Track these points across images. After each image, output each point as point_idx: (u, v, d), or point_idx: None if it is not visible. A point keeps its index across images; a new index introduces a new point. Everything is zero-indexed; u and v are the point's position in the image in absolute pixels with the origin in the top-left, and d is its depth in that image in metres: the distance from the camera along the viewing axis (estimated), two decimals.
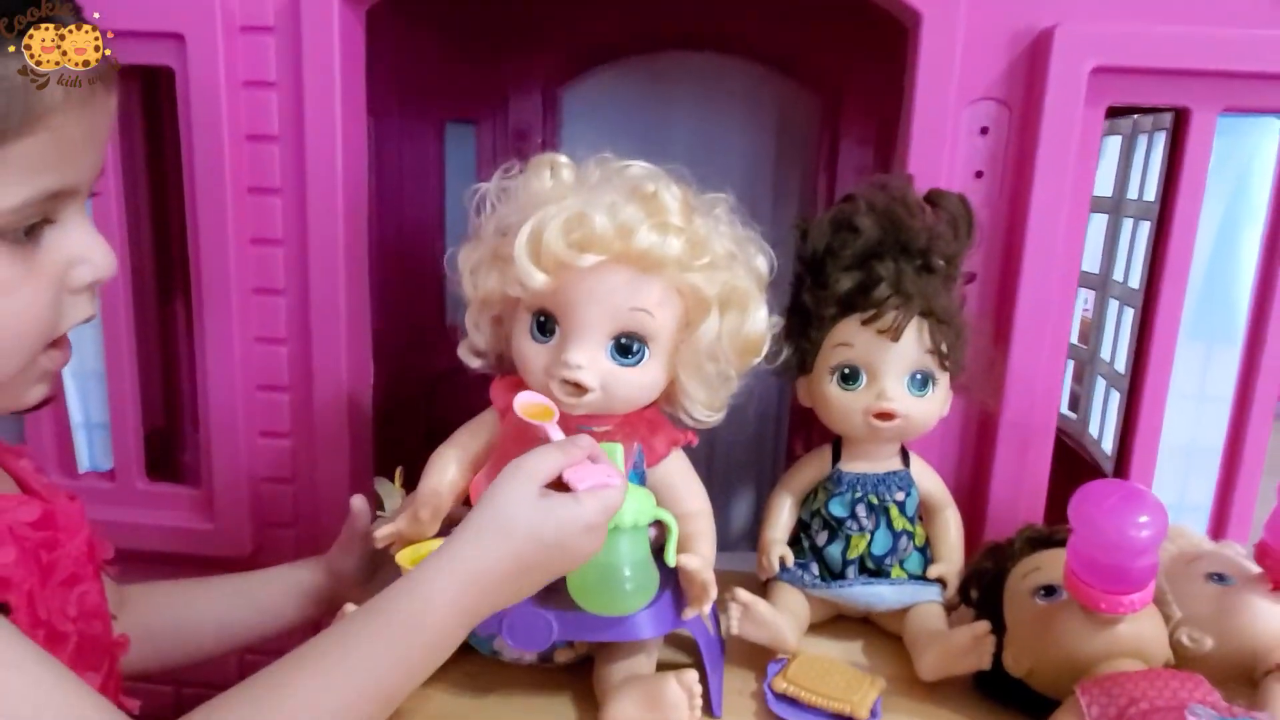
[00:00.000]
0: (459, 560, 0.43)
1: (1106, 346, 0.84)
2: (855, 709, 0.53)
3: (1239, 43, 0.63)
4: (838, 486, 0.63)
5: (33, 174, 0.38)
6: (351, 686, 0.41)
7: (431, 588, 0.43)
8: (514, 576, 0.44)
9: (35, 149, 0.38)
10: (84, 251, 0.42)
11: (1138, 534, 0.47)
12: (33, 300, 0.40)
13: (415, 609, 0.42)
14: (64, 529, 0.46)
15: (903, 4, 0.65)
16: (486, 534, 0.44)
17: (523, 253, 0.49)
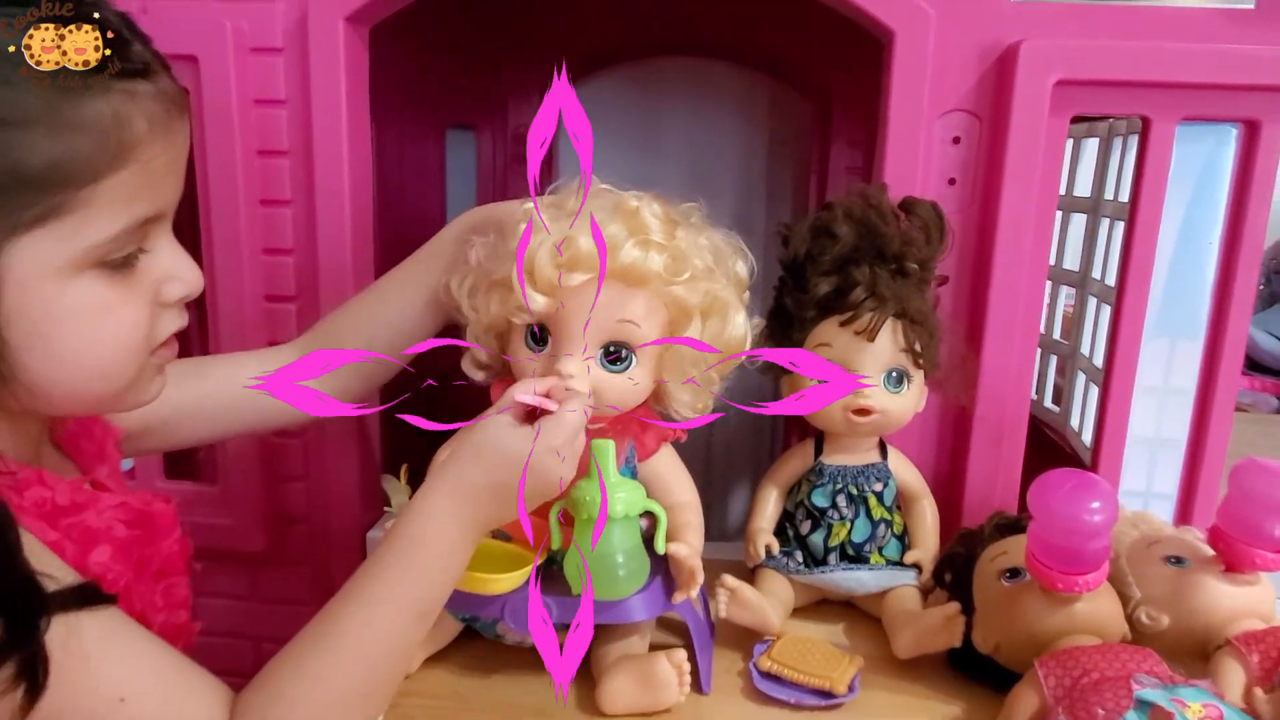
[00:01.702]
0: (447, 480, 0.49)
1: (1086, 342, 0.88)
2: (834, 684, 0.57)
3: (1196, 56, 0.67)
4: (820, 478, 0.67)
5: (126, 205, 0.42)
6: (389, 610, 0.47)
7: (429, 507, 0.49)
8: (495, 492, 0.49)
9: (127, 181, 0.41)
10: (174, 270, 0.46)
11: (1090, 518, 0.50)
12: (134, 318, 0.44)
13: (420, 529, 0.48)
14: (158, 528, 0.51)
15: (877, 21, 0.69)
16: (466, 459, 0.49)
17: (519, 282, 0.53)
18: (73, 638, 0.40)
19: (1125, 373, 0.73)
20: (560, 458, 0.50)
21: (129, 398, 0.47)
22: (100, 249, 0.42)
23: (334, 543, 0.83)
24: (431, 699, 0.57)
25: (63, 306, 0.42)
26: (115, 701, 0.41)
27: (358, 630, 0.46)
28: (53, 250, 0.41)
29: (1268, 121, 0.68)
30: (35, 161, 0.39)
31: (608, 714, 0.55)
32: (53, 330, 0.42)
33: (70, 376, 0.43)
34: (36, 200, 0.40)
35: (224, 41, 0.72)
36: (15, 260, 0.40)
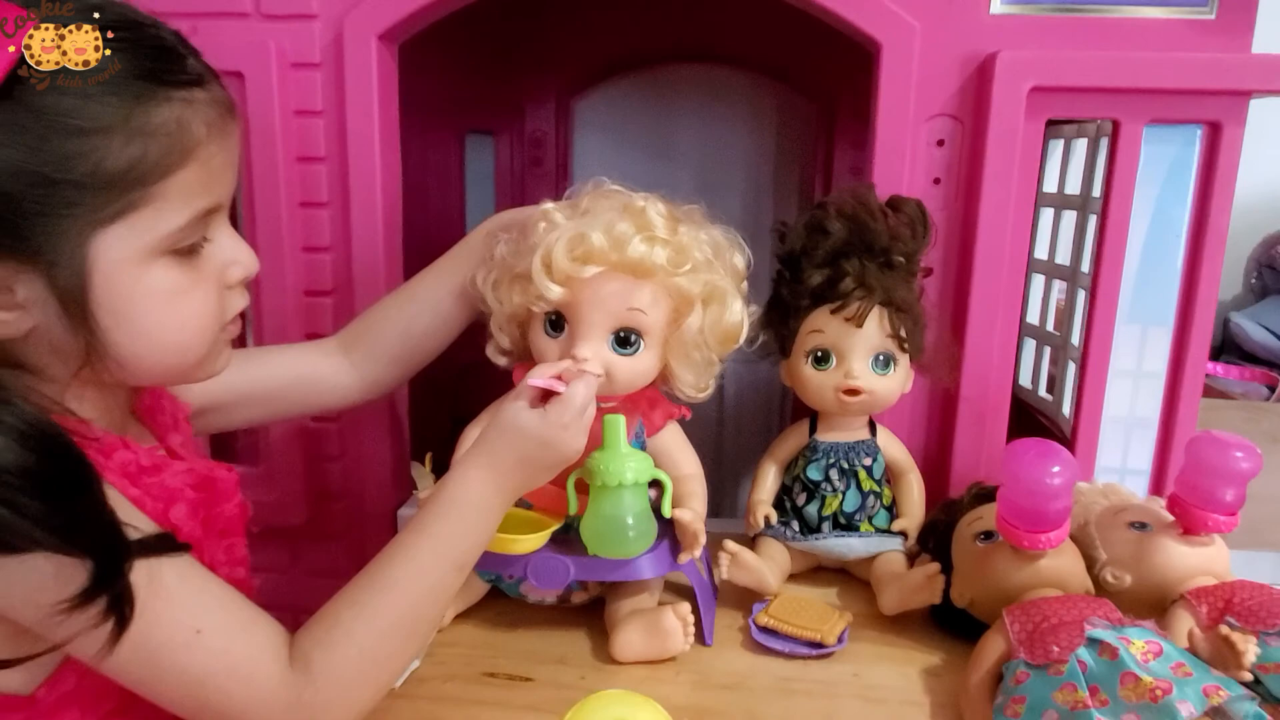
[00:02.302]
0: (480, 455, 0.56)
1: (1077, 333, 0.92)
2: (825, 636, 0.63)
3: (1160, 63, 0.72)
4: (814, 454, 0.73)
5: (190, 198, 0.48)
6: (432, 560, 0.53)
7: (466, 476, 0.56)
8: (520, 464, 0.56)
9: (190, 177, 0.47)
10: (234, 255, 0.52)
11: (1051, 481, 0.56)
12: (204, 299, 0.51)
13: (459, 494, 0.55)
14: (221, 492, 0.57)
15: (866, 35, 0.75)
16: (493, 437, 0.57)
17: (539, 273, 0.59)
18: (154, 578, 0.46)
19: (1100, 357, 0.78)
20: (570, 432, 0.56)
21: (202, 370, 0.54)
22: (171, 238, 0.48)
23: (368, 518, 0.90)
24: (463, 648, 0.63)
25: (142, 290, 0.48)
26: (193, 633, 0.47)
27: (406, 576, 0.52)
28: (131, 241, 0.46)
29: (1228, 123, 0.73)
30: (114, 164, 0.45)
31: (620, 661, 0.61)
32: (135, 312, 0.48)
33: (152, 352, 0.50)
34: (116, 198, 0.45)
35: (267, 58, 0.79)
36: (100, 251, 0.46)
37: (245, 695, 0.48)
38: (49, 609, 0.43)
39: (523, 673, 0.61)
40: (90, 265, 0.46)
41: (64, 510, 0.43)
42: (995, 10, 0.74)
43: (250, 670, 0.48)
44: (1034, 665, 0.51)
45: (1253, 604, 0.56)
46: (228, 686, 0.48)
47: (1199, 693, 0.46)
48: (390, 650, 0.52)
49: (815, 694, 0.59)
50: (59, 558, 0.43)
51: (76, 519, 0.44)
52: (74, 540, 0.43)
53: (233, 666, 0.48)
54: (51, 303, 0.46)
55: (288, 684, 0.48)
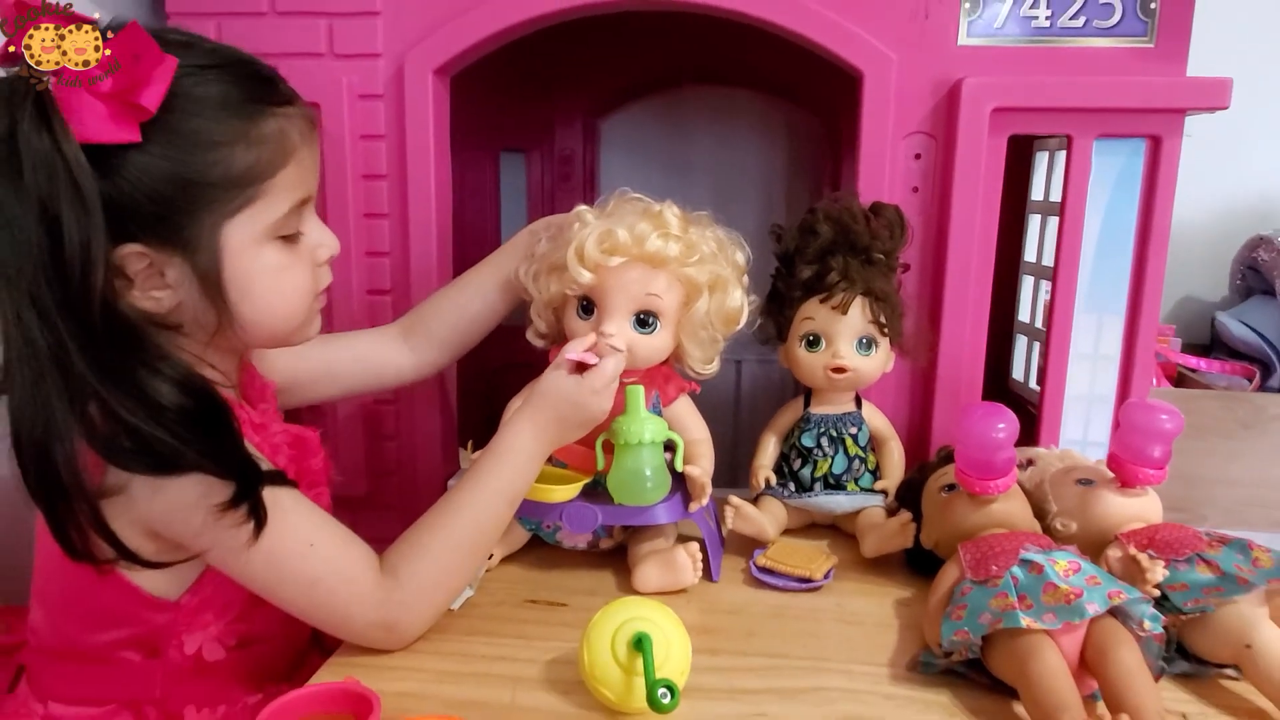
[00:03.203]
0: (526, 414, 0.69)
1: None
2: (813, 573, 0.74)
3: (1107, 86, 0.83)
4: (807, 425, 0.85)
5: (291, 191, 0.61)
6: (491, 494, 0.67)
7: (517, 430, 0.69)
8: (559, 420, 0.69)
9: (290, 174, 0.60)
10: (321, 238, 0.66)
11: (996, 435, 0.67)
12: (303, 273, 0.64)
13: (510, 443, 0.68)
14: (309, 448, 0.71)
15: (850, 64, 0.87)
16: (536, 399, 0.69)
17: (573, 260, 0.72)
18: (277, 503, 0.59)
19: (1061, 342, 0.89)
20: (600, 396, 0.69)
21: (301, 333, 0.67)
22: (278, 224, 0.60)
23: (420, 490, 1.02)
24: (508, 582, 0.76)
25: (259, 268, 0.60)
26: (307, 545, 0.60)
27: (471, 506, 0.66)
28: (250, 228, 0.59)
29: (1167, 136, 0.84)
30: (238, 167, 0.57)
31: (640, 592, 0.73)
32: (255, 285, 0.60)
33: (269, 318, 0.62)
34: (240, 194, 0.58)
35: (339, 91, 0.92)
36: (228, 238, 0.58)
37: (349, 594, 0.61)
38: (200, 520, 0.56)
39: (559, 600, 0.73)
40: (222, 249, 0.58)
41: (213, 442, 0.56)
42: (962, 42, 0.86)
43: (352, 575, 0.61)
44: (976, 581, 0.62)
45: (1170, 538, 0.67)
46: (335, 587, 0.60)
47: (1103, 596, 0.57)
48: (457, 564, 0.65)
49: (803, 618, 0.71)
50: (208, 479, 0.56)
51: (222, 450, 0.57)
52: (222, 465, 0.56)
53: (339, 571, 0.61)
54: (193, 282, 0.58)
55: (381, 586, 0.61)
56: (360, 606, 0.61)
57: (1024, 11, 0.85)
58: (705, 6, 0.88)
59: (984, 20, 0.85)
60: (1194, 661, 0.63)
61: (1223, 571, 0.62)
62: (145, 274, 0.57)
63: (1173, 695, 0.61)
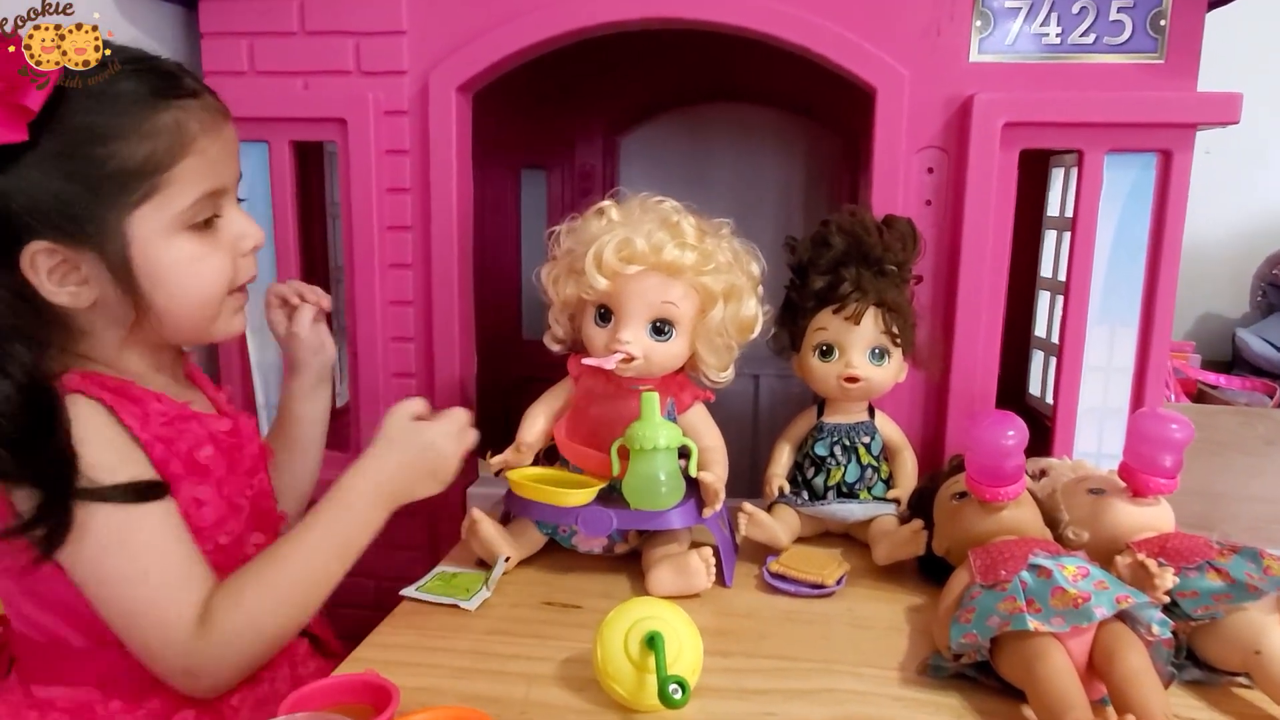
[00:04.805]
0: (364, 462, 0.69)
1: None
2: (825, 579, 0.75)
3: (1117, 101, 0.84)
4: (820, 434, 0.86)
5: (196, 181, 0.61)
6: (314, 552, 0.65)
7: (351, 484, 0.68)
8: (403, 468, 0.69)
9: (192, 165, 0.60)
10: (243, 229, 0.65)
11: (1006, 442, 0.68)
12: (219, 264, 0.64)
13: (344, 496, 0.68)
14: (246, 435, 0.70)
15: (864, 81, 0.88)
16: (379, 446, 0.69)
17: (590, 266, 0.74)
18: (127, 522, 0.58)
19: (1074, 354, 0.90)
20: (450, 439, 0.69)
21: (219, 326, 0.66)
22: (185, 214, 0.61)
23: (440, 497, 1.03)
24: (524, 585, 0.77)
25: (170, 256, 0.61)
26: (141, 573, 0.59)
27: (295, 557, 0.64)
28: (156, 219, 0.60)
29: (1177, 151, 0.85)
30: (134, 160, 0.58)
31: (655, 596, 0.74)
32: (166, 274, 0.61)
33: (181, 306, 0.63)
34: (139, 185, 0.58)
35: (365, 108, 0.95)
36: (134, 230, 0.59)
37: (161, 636, 0.60)
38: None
39: (574, 602, 0.74)
40: (129, 241, 0.59)
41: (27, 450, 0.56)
42: (974, 59, 0.87)
43: (170, 618, 0.60)
44: (985, 586, 0.62)
45: (1180, 546, 0.67)
46: (149, 626, 0.60)
47: (1111, 600, 0.58)
48: (275, 616, 0.63)
49: (815, 622, 0.71)
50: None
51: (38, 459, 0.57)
52: (27, 473, 0.56)
53: (159, 610, 0.59)
54: (106, 274, 0.59)
55: (192, 632, 0.60)
56: (168, 650, 0.60)
57: (1035, 29, 0.86)
58: (724, 25, 0.90)
59: (995, 37, 0.87)
60: (1204, 669, 0.63)
61: (1233, 579, 0.63)
62: (59, 269, 0.59)
63: (1183, 702, 0.61)
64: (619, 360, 0.74)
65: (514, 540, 0.79)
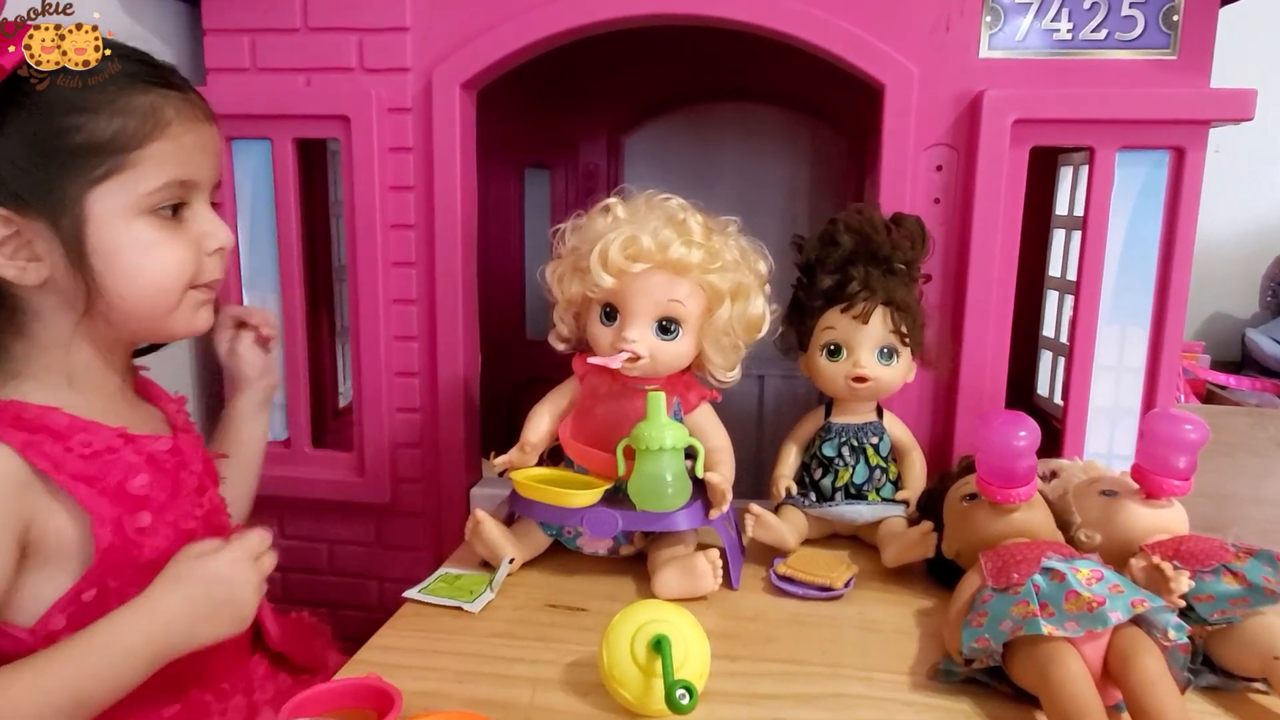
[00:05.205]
0: (137, 602, 0.58)
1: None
2: (833, 581, 0.74)
3: (1128, 98, 0.83)
4: (828, 434, 0.85)
5: (164, 167, 0.59)
6: (51, 695, 0.54)
7: (115, 623, 0.57)
8: (184, 607, 0.58)
9: (163, 149, 0.59)
10: (211, 228, 0.63)
11: (1017, 443, 0.67)
12: (179, 255, 0.61)
13: (103, 637, 0.56)
14: (189, 454, 0.66)
15: (872, 77, 0.87)
16: (158, 583, 0.59)
17: (596, 264, 0.73)
18: None
19: (1084, 354, 0.89)
20: (239, 566, 0.60)
21: (175, 322, 0.63)
22: (150, 197, 0.59)
23: (444, 498, 1.03)
24: (529, 587, 0.76)
25: (128, 239, 0.59)
26: None
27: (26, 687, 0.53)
28: (118, 197, 0.58)
29: (1191, 148, 0.84)
30: (102, 134, 0.56)
31: (660, 599, 0.73)
32: (123, 257, 0.59)
33: (134, 293, 0.60)
34: (104, 161, 0.57)
35: (369, 105, 0.94)
36: (94, 206, 0.57)
37: None
38: None
39: (579, 605, 0.73)
40: (87, 215, 0.57)
41: None
42: (983, 55, 0.86)
43: None
44: (997, 589, 0.61)
45: (1195, 549, 0.66)
46: None
47: (1127, 604, 0.57)
48: None
49: (822, 625, 0.70)
50: None
51: None
52: None
53: None
54: (58, 251, 0.57)
55: None
56: None
57: (1045, 24, 0.85)
58: (730, 21, 0.89)
59: (1005, 33, 0.86)
60: (1221, 674, 0.62)
61: (1250, 583, 0.62)
62: (11, 241, 0.57)
63: (1200, 708, 0.60)
64: (624, 359, 0.73)
65: (518, 541, 0.78)
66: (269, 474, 1.04)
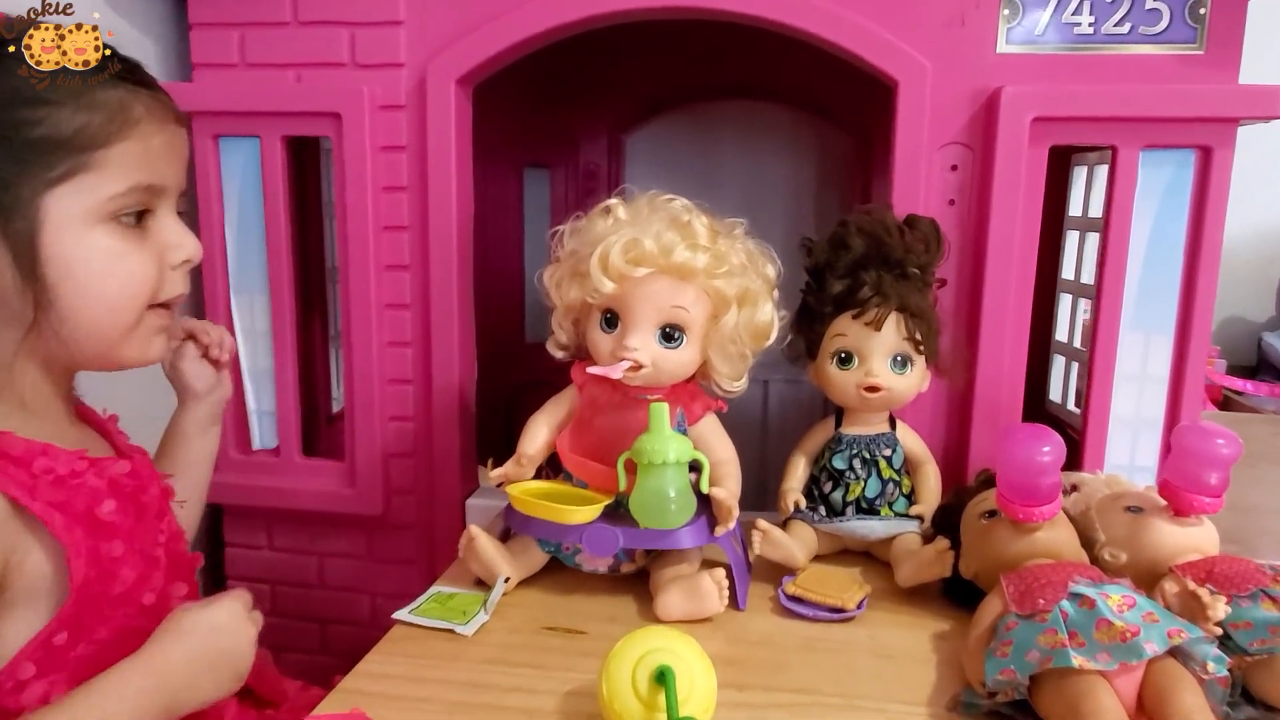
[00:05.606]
0: (140, 654, 0.55)
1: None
2: (845, 603, 0.71)
3: (1153, 94, 0.80)
4: (839, 446, 0.81)
5: (130, 169, 0.54)
6: None
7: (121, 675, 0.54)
8: (188, 659, 0.56)
9: (130, 150, 0.54)
10: (177, 240, 0.58)
11: (1041, 458, 0.63)
12: (141, 267, 0.56)
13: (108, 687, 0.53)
14: (146, 476, 0.61)
15: (884, 73, 0.84)
16: (158, 636, 0.56)
17: (596, 269, 0.69)
18: None
19: (1106, 362, 0.85)
20: (239, 618, 0.59)
21: (132, 345, 0.58)
22: (113, 202, 0.54)
23: (438, 510, 1.00)
24: (525, 608, 0.72)
25: (86, 247, 0.54)
26: None
27: None
28: (78, 201, 0.53)
29: (1218, 147, 0.80)
30: (65, 130, 0.52)
31: (662, 620, 0.70)
32: (79, 266, 0.54)
33: (88, 308, 0.54)
34: (65, 160, 0.52)
35: (360, 101, 0.91)
36: (51, 209, 0.52)
37: None
38: None
39: (577, 627, 0.69)
40: (42, 219, 0.52)
41: None
42: (1001, 50, 0.83)
43: None
44: (1022, 616, 0.58)
45: (1230, 572, 0.62)
46: None
47: (1163, 634, 0.53)
48: None
49: (834, 651, 0.67)
50: None
51: None
52: None
53: None
54: (7, 258, 0.52)
55: None
56: None
57: (1066, 18, 0.81)
58: (735, 15, 0.86)
59: (1024, 27, 0.82)
60: (1260, 707, 0.58)
61: None
62: None
63: None
64: (626, 368, 0.70)
65: (514, 559, 0.75)
66: (258, 484, 1.01)
